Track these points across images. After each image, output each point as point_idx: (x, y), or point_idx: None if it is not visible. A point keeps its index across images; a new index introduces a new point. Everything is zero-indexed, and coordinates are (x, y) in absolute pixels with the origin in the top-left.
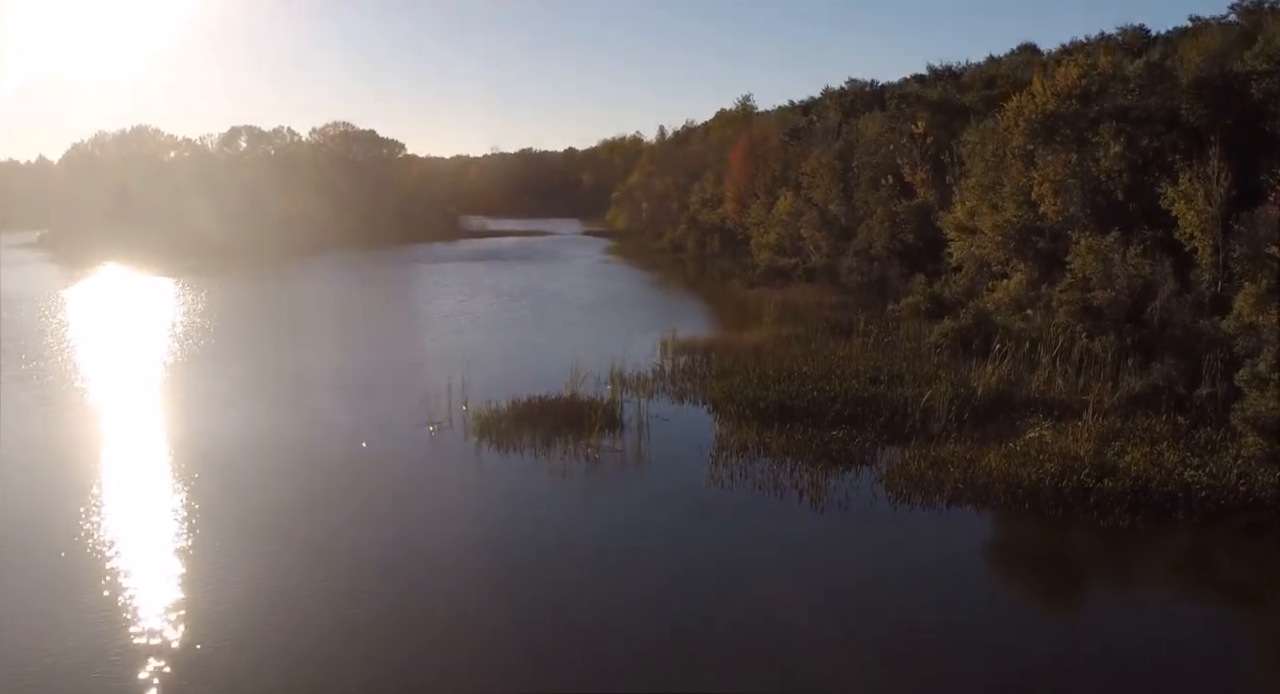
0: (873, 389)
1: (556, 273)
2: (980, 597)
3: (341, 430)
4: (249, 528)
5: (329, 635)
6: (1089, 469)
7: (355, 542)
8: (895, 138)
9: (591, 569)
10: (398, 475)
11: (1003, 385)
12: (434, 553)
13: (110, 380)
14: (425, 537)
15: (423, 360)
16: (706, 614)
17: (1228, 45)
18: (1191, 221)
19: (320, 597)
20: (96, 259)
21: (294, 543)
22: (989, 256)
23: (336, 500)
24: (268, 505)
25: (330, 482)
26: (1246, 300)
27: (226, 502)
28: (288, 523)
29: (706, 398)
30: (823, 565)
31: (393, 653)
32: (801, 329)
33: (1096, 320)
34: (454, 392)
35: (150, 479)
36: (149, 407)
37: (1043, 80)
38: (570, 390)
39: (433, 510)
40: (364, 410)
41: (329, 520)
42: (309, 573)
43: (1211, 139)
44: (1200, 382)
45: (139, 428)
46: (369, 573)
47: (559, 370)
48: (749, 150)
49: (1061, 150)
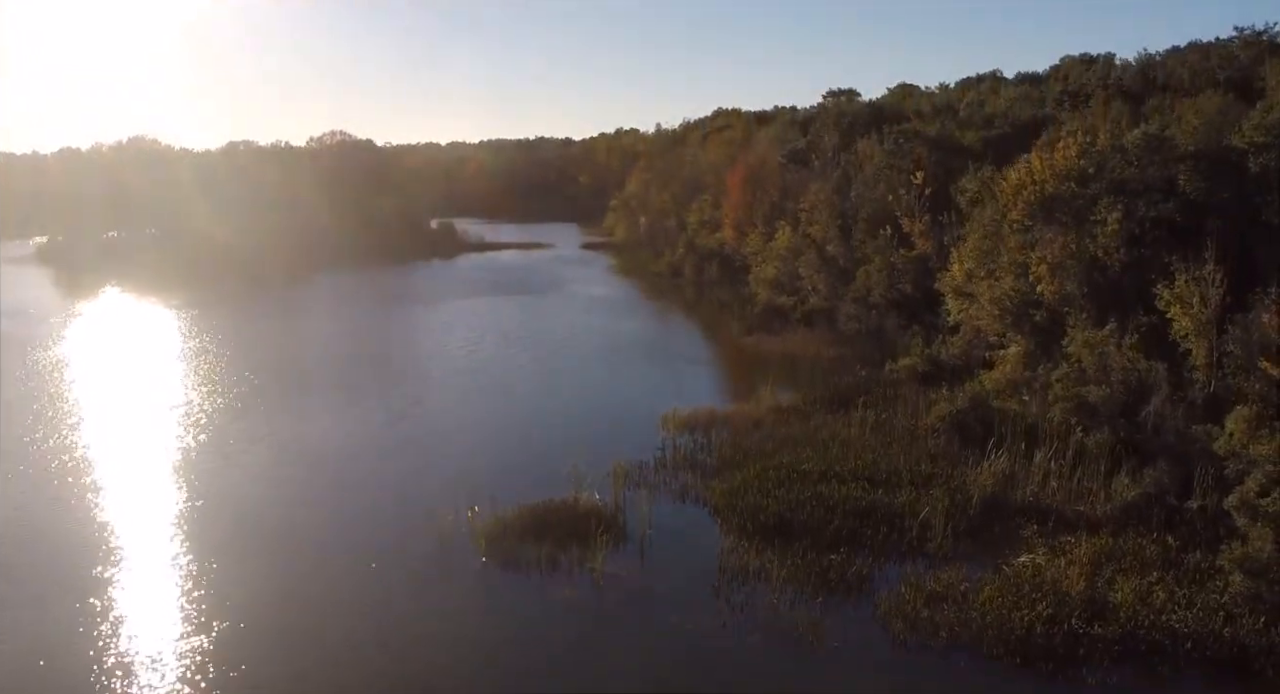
0: (870, 496)
1: (560, 311)
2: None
3: (343, 538)
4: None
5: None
6: (1079, 610)
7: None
8: (893, 176)
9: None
10: (400, 605)
11: (998, 487)
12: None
13: (100, 457)
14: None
15: (429, 437)
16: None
17: (1227, 106)
18: (1186, 326)
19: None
20: (96, 279)
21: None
22: (986, 328)
23: (335, 631)
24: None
25: (330, 609)
26: (1238, 424)
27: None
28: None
29: (708, 500)
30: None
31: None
32: (801, 397)
33: (1092, 417)
34: (461, 482)
35: (130, 600)
36: (130, 499)
37: (1041, 158)
38: (574, 493)
39: (431, 650)
40: (367, 505)
41: (324, 655)
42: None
43: (1208, 243)
44: (1192, 491)
45: (122, 525)
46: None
47: (565, 449)
48: (747, 176)
49: (1059, 232)
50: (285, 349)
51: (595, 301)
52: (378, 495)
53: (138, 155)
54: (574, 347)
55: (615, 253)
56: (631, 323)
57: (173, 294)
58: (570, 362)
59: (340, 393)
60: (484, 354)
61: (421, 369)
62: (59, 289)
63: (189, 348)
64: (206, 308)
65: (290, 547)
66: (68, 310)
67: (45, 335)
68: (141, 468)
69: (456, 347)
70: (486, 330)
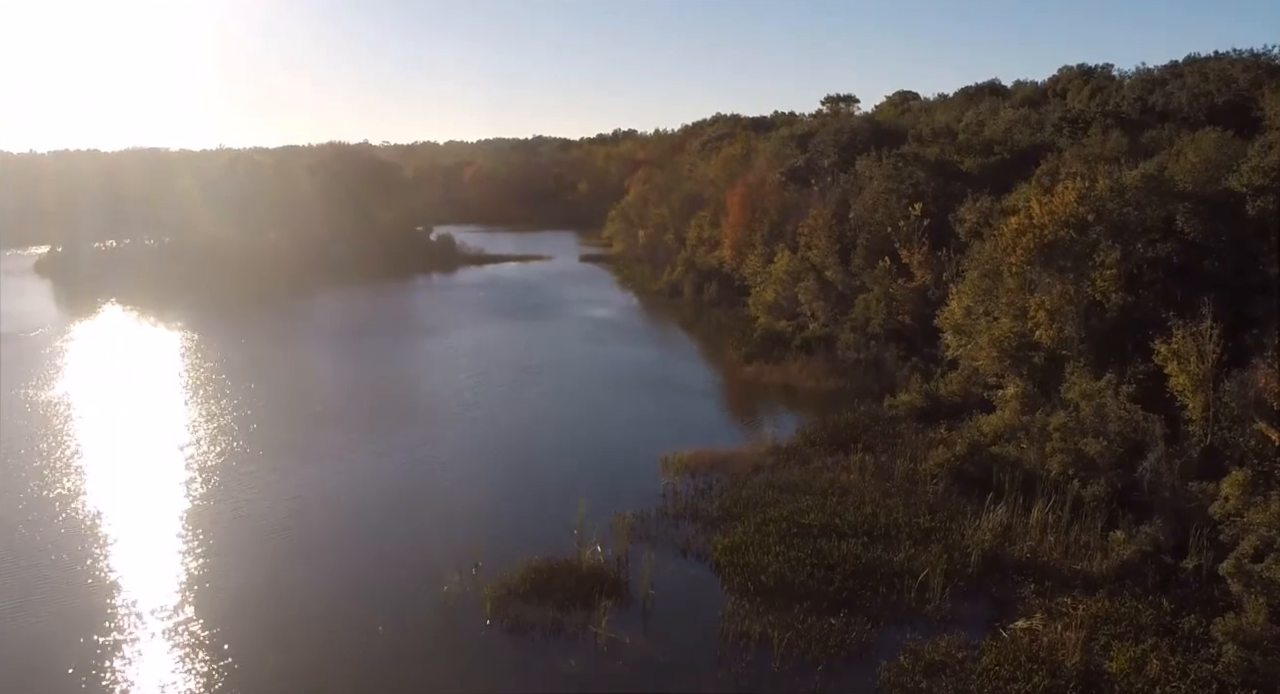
0: (870, 553)
1: (561, 337)
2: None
3: (350, 600)
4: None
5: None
6: (1075, 681)
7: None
8: (891, 201)
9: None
10: (408, 671)
11: (996, 542)
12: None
13: (98, 509)
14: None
15: (433, 483)
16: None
17: (1224, 143)
18: (1184, 382)
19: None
20: (95, 296)
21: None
22: (984, 369)
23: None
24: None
25: (339, 675)
26: (1233, 488)
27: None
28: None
29: (709, 555)
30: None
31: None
32: (800, 437)
33: (1089, 468)
34: (466, 532)
35: (129, 668)
36: (125, 558)
37: (1040, 202)
38: (578, 548)
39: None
40: (372, 562)
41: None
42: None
43: (1204, 300)
44: (1188, 550)
45: (120, 587)
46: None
47: (568, 494)
48: (746, 197)
49: (1058, 279)
50: (286, 383)
51: (596, 326)
52: (382, 550)
53: (137, 159)
54: (576, 379)
55: (614, 266)
56: (633, 350)
57: (172, 313)
58: (573, 396)
59: (342, 433)
60: (487, 390)
61: (423, 407)
62: (58, 306)
63: (189, 381)
64: (206, 332)
65: (295, 608)
66: (65, 333)
67: (41, 363)
68: (136, 523)
69: (458, 381)
70: (488, 361)
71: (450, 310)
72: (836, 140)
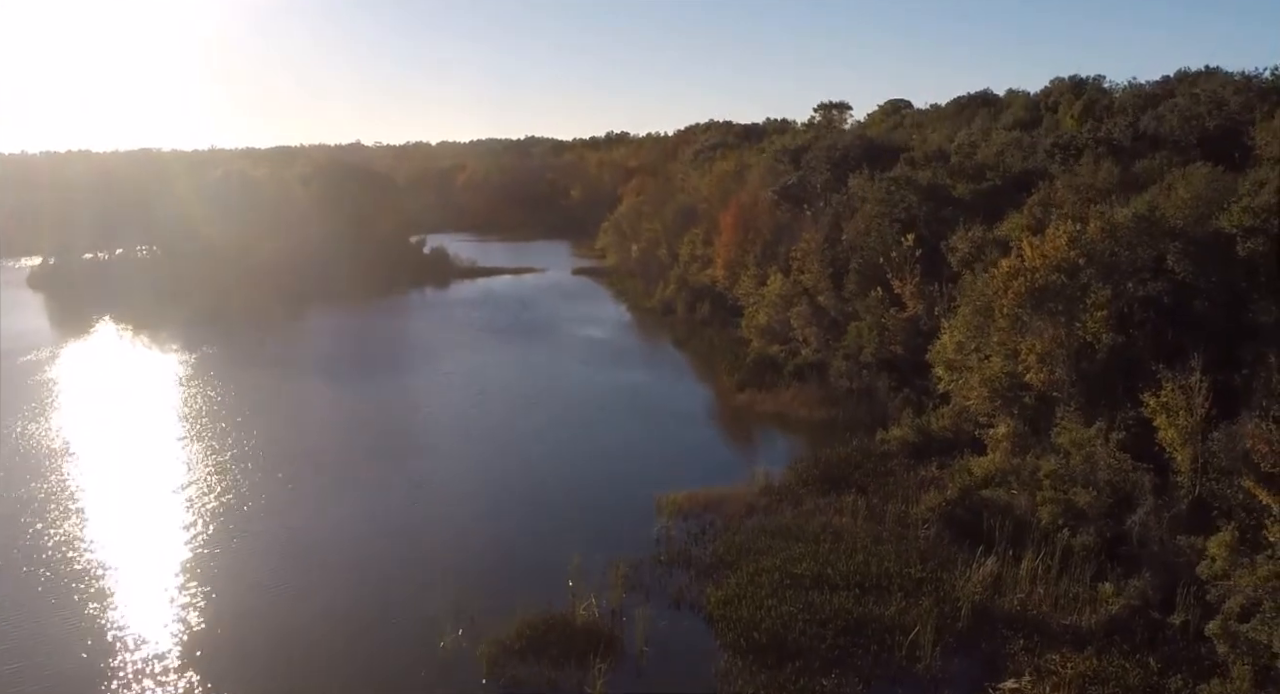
0: (861, 607)
1: (555, 360)
2: None
3: (345, 659)
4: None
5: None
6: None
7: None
8: (884, 225)
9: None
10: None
11: (986, 595)
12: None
13: (87, 559)
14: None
15: (427, 527)
16: None
17: (1215, 177)
18: (1172, 436)
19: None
20: (90, 310)
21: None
22: (976, 409)
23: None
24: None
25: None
26: (1219, 549)
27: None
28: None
29: (703, 607)
30: None
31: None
32: (793, 476)
33: (1079, 518)
34: (462, 581)
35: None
36: (118, 606)
37: (1032, 244)
38: (572, 601)
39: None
40: (367, 617)
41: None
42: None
43: (1194, 354)
44: (1175, 605)
45: (105, 641)
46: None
47: (564, 537)
48: (739, 216)
49: (1049, 323)
50: (275, 418)
51: (590, 348)
52: (375, 600)
53: (129, 162)
54: (570, 409)
55: (607, 280)
56: (628, 374)
57: (165, 334)
58: (568, 429)
59: (337, 472)
60: (481, 420)
61: (417, 441)
62: (52, 324)
63: (181, 414)
64: (199, 356)
65: (290, 664)
66: (57, 358)
67: (36, 393)
68: (123, 574)
69: (454, 410)
70: (484, 389)
71: (444, 333)
72: (829, 157)
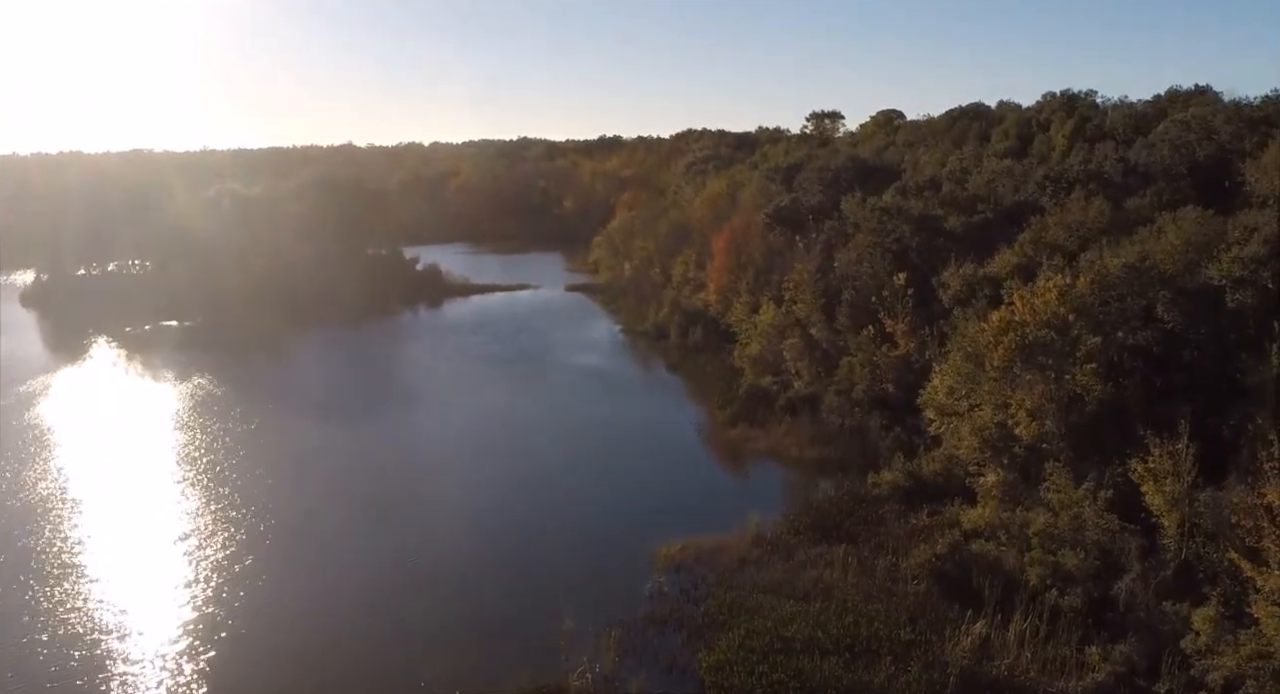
0: (851, 673)
1: (550, 390)
2: None
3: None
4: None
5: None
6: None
7: None
8: (876, 256)
9: None
10: None
11: (973, 659)
12: None
13: (92, 620)
14: None
15: (420, 583)
16: None
17: (1205, 221)
18: (1159, 503)
19: None
20: (84, 332)
21: None
22: (966, 458)
23: None
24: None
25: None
26: (1204, 624)
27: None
28: None
29: (696, 673)
30: None
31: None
32: (785, 525)
33: (1067, 581)
34: (455, 647)
35: None
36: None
37: (1023, 298)
38: (564, 672)
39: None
40: (355, 683)
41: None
42: None
43: (1183, 421)
44: (1160, 673)
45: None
46: None
47: (556, 595)
48: (731, 241)
49: (1039, 377)
50: (264, 466)
51: (583, 376)
52: (364, 670)
53: (122, 163)
54: (564, 447)
55: (600, 297)
56: (622, 407)
57: (159, 358)
58: (561, 468)
59: (321, 531)
60: (478, 462)
61: (414, 487)
62: (46, 347)
63: (179, 455)
64: (191, 389)
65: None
66: (50, 389)
67: (30, 429)
68: (106, 636)
69: (451, 451)
70: (482, 424)
71: (439, 362)
72: (821, 178)
